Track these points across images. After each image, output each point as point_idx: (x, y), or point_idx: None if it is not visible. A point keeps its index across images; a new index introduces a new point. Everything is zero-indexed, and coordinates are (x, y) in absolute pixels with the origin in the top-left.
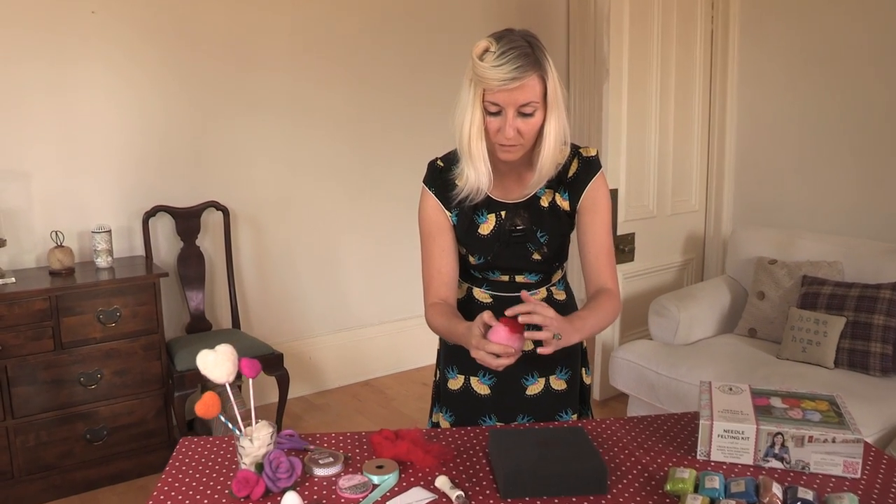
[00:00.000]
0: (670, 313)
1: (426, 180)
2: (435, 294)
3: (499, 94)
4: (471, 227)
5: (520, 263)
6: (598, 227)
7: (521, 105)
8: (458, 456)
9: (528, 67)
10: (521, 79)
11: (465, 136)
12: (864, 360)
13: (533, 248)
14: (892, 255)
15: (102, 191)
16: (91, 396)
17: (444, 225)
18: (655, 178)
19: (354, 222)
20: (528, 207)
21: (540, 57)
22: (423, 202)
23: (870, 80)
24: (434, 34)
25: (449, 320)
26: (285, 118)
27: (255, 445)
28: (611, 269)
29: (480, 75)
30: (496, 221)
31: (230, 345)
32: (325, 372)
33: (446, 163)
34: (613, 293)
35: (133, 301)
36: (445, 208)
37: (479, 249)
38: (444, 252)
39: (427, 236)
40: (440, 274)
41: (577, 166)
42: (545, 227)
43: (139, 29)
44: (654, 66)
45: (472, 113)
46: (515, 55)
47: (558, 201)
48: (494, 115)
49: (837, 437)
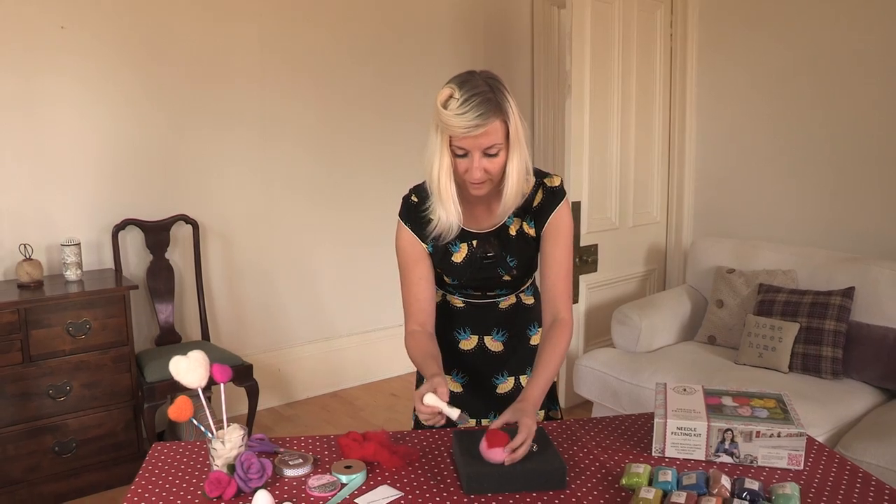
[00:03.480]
0: (632, 322)
1: (402, 215)
2: (414, 320)
3: (464, 139)
4: (445, 256)
5: (491, 284)
6: (558, 254)
7: (486, 147)
8: (424, 456)
9: (489, 114)
10: (484, 125)
11: (434, 179)
12: (817, 363)
13: (503, 271)
14: (843, 263)
15: (72, 204)
16: (60, 409)
17: (420, 255)
18: (617, 191)
19: (325, 234)
20: (497, 236)
21: (501, 101)
22: (400, 235)
23: (826, 93)
24: (403, 46)
25: (424, 360)
26: (255, 131)
27: (227, 447)
28: (566, 297)
29: (445, 123)
30: (468, 250)
31: (202, 351)
32: (294, 383)
33: (420, 198)
34: (566, 323)
35: (102, 313)
36: (421, 241)
37: (454, 274)
38: (421, 280)
39: (405, 266)
40: (418, 301)
41: (542, 196)
42: (514, 253)
43: (109, 43)
44: (616, 82)
45: (441, 157)
46: (477, 102)
47: (525, 229)
48: (462, 157)
49: (783, 432)
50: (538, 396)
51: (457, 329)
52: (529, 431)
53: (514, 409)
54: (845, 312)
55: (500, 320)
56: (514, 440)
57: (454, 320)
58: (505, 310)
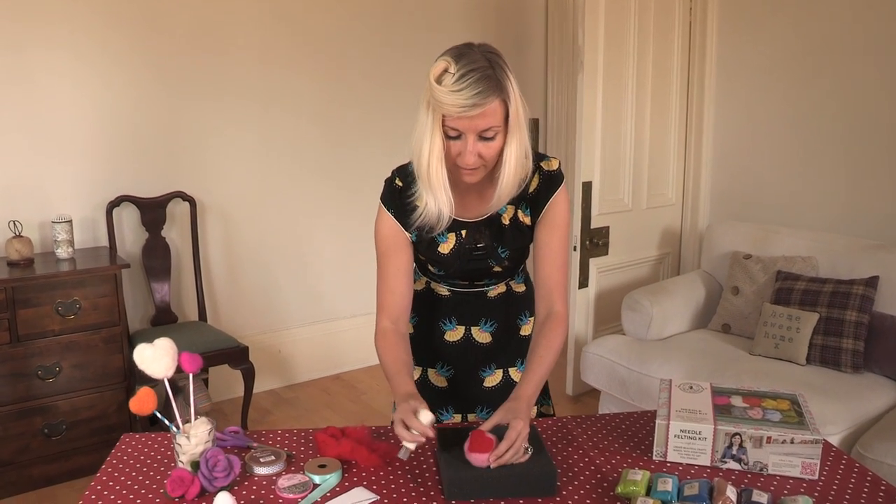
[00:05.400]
0: (643, 308)
1: (384, 199)
2: (387, 314)
3: (458, 120)
4: (431, 246)
5: (480, 275)
6: (554, 243)
7: (482, 130)
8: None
9: (489, 92)
10: (482, 105)
11: (423, 163)
12: (836, 356)
13: (494, 262)
14: (866, 251)
15: (65, 180)
16: (49, 390)
17: (401, 244)
18: (631, 172)
19: (327, 213)
20: (489, 225)
21: (501, 78)
22: (380, 220)
23: (851, 75)
24: (412, 17)
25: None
26: (256, 106)
27: (193, 443)
28: (561, 290)
29: (438, 100)
30: (456, 240)
31: (169, 339)
32: (295, 365)
33: (405, 182)
34: (562, 317)
35: (93, 293)
36: (404, 228)
37: (440, 265)
38: (399, 272)
39: (383, 255)
40: (393, 294)
41: (539, 181)
42: (506, 244)
43: (105, 14)
44: (631, 59)
45: (432, 139)
46: (476, 78)
47: (520, 217)
48: (454, 139)
49: (796, 438)
50: (532, 395)
51: (441, 319)
52: (520, 435)
53: (507, 408)
54: (868, 303)
55: (488, 310)
56: (500, 446)
57: (439, 310)
58: (494, 299)
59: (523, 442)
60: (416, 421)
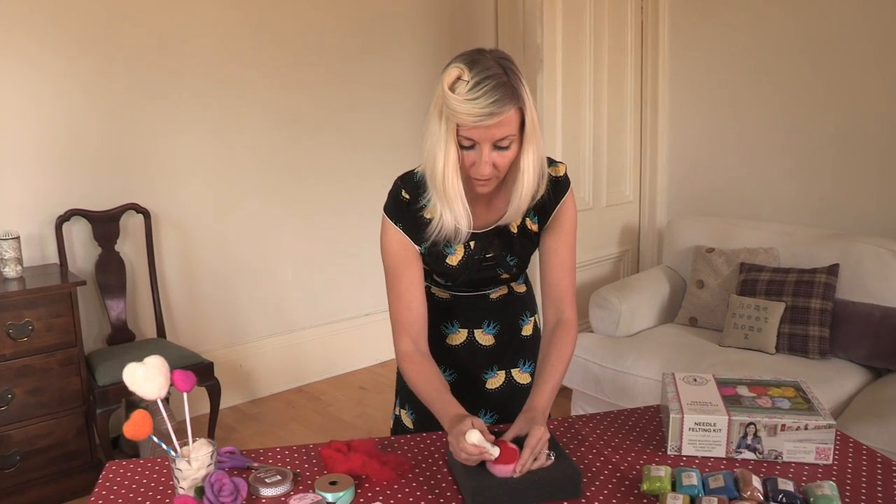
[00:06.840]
0: (612, 305)
1: (390, 213)
2: (406, 334)
3: (474, 130)
4: (439, 259)
5: (487, 283)
6: (562, 249)
7: (498, 139)
8: (417, 466)
9: (505, 101)
10: (499, 114)
11: (438, 174)
12: (804, 344)
13: (502, 270)
14: (826, 240)
15: (10, 195)
16: (2, 419)
17: (411, 257)
18: (591, 170)
19: (285, 222)
20: (498, 235)
21: (517, 85)
22: (387, 234)
23: (802, 67)
24: (367, 17)
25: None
26: (211, 113)
27: (194, 467)
28: (571, 296)
29: (453, 109)
30: (465, 252)
31: (161, 356)
32: (257, 379)
33: (412, 195)
34: (572, 324)
35: (46, 313)
36: (414, 242)
37: (447, 277)
38: (412, 286)
39: (393, 270)
40: (409, 310)
41: (547, 188)
42: (515, 252)
43: (50, 17)
44: (587, 55)
45: (446, 149)
46: (491, 86)
47: (528, 224)
48: (468, 149)
49: (810, 424)
50: (546, 405)
51: (444, 323)
52: (540, 441)
53: (524, 418)
54: (831, 290)
55: (491, 312)
56: (523, 454)
57: (440, 313)
58: (496, 300)
59: (544, 447)
60: (469, 445)
